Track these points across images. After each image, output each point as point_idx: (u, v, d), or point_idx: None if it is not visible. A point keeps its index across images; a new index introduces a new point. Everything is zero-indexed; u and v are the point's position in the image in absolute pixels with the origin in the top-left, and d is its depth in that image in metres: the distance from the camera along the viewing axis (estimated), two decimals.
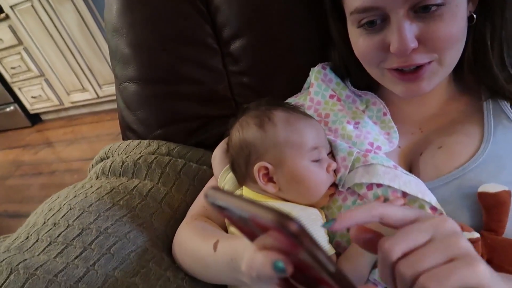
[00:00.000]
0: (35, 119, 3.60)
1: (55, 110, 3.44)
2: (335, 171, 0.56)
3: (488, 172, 0.50)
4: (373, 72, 0.57)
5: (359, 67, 0.59)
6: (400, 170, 0.53)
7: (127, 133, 0.91)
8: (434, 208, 0.49)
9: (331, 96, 0.65)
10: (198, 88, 0.84)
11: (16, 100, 3.45)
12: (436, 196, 0.50)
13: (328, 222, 0.33)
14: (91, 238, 0.60)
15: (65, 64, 2.98)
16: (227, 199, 0.29)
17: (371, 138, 0.57)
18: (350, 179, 0.54)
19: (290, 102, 0.69)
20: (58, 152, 2.92)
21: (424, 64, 0.50)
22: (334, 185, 0.56)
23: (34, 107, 3.46)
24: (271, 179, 0.55)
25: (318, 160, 0.55)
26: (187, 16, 0.80)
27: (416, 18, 0.48)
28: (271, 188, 0.55)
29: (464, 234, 0.46)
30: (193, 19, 0.80)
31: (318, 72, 0.68)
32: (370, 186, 0.53)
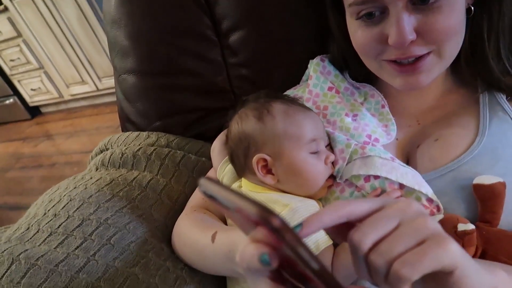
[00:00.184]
0: (34, 111, 3.60)
1: (55, 102, 3.44)
2: (333, 163, 0.57)
3: (483, 164, 0.50)
4: (371, 64, 0.57)
5: (357, 59, 0.59)
6: (398, 162, 0.53)
7: (126, 124, 0.91)
8: (430, 200, 0.50)
9: (330, 89, 0.66)
10: (197, 80, 0.84)
11: (16, 93, 3.44)
12: (432, 188, 0.50)
13: (294, 228, 0.30)
14: (91, 228, 0.60)
15: (64, 56, 2.96)
16: (216, 189, 0.30)
17: (369, 130, 0.58)
18: (348, 171, 0.55)
19: (288, 94, 0.69)
20: (58, 145, 2.92)
21: (423, 56, 0.50)
22: (332, 176, 0.57)
23: (33, 100, 3.45)
24: (269, 171, 0.56)
25: (316, 152, 0.55)
26: (186, 7, 0.80)
27: (415, 10, 0.48)
28: (269, 180, 0.55)
29: (460, 225, 0.46)
30: (192, 10, 0.80)
31: (317, 64, 0.68)
32: (367, 178, 0.53)
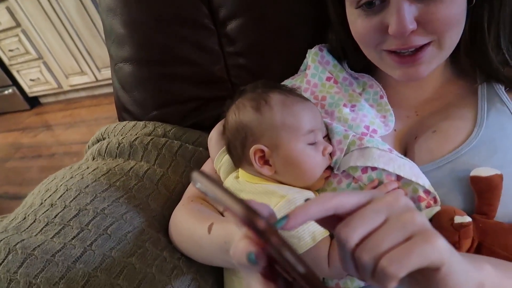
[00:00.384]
0: (33, 102, 3.58)
1: (54, 93, 3.42)
2: (330, 154, 0.56)
3: (480, 156, 0.50)
4: (370, 54, 0.56)
5: (356, 49, 0.59)
6: (395, 153, 0.53)
7: (122, 114, 0.91)
8: (427, 192, 0.49)
9: (328, 79, 0.65)
10: (194, 69, 0.83)
11: (15, 83, 3.42)
12: (429, 179, 0.50)
13: (280, 219, 0.29)
14: (88, 219, 0.60)
15: (63, 47, 2.94)
16: (207, 185, 0.29)
17: (367, 121, 0.57)
18: (345, 162, 0.54)
19: (286, 84, 0.69)
20: (57, 135, 2.91)
21: (423, 47, 0.50)
22: (330, 168, 0.56)
23: (32, 90, 3.44)
24: (267, 162, 0.56)
25: (314, 143, 0.55)
26: None
27: (416, 0, 0.47)
28: (266, 170, 0.55)
29: (457, 218, 0.46)
30: None
31: (315, 54, 0.67)
32: (364, 169, 0.53)
